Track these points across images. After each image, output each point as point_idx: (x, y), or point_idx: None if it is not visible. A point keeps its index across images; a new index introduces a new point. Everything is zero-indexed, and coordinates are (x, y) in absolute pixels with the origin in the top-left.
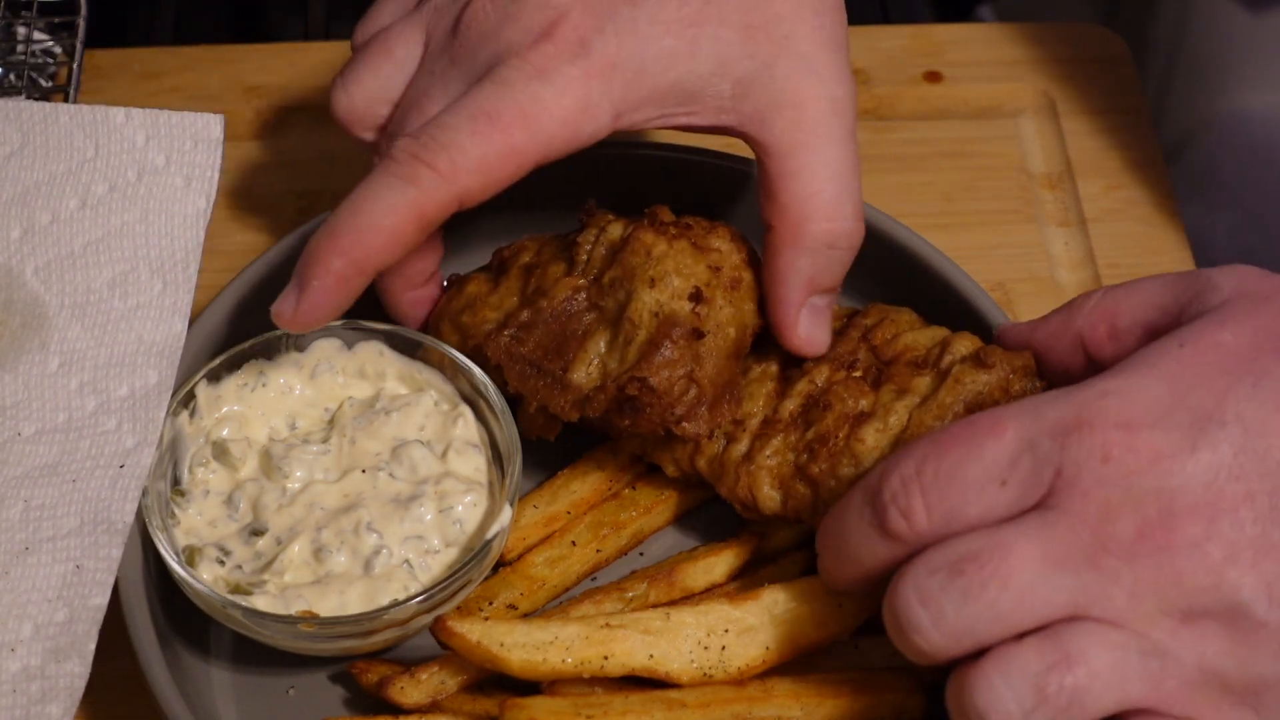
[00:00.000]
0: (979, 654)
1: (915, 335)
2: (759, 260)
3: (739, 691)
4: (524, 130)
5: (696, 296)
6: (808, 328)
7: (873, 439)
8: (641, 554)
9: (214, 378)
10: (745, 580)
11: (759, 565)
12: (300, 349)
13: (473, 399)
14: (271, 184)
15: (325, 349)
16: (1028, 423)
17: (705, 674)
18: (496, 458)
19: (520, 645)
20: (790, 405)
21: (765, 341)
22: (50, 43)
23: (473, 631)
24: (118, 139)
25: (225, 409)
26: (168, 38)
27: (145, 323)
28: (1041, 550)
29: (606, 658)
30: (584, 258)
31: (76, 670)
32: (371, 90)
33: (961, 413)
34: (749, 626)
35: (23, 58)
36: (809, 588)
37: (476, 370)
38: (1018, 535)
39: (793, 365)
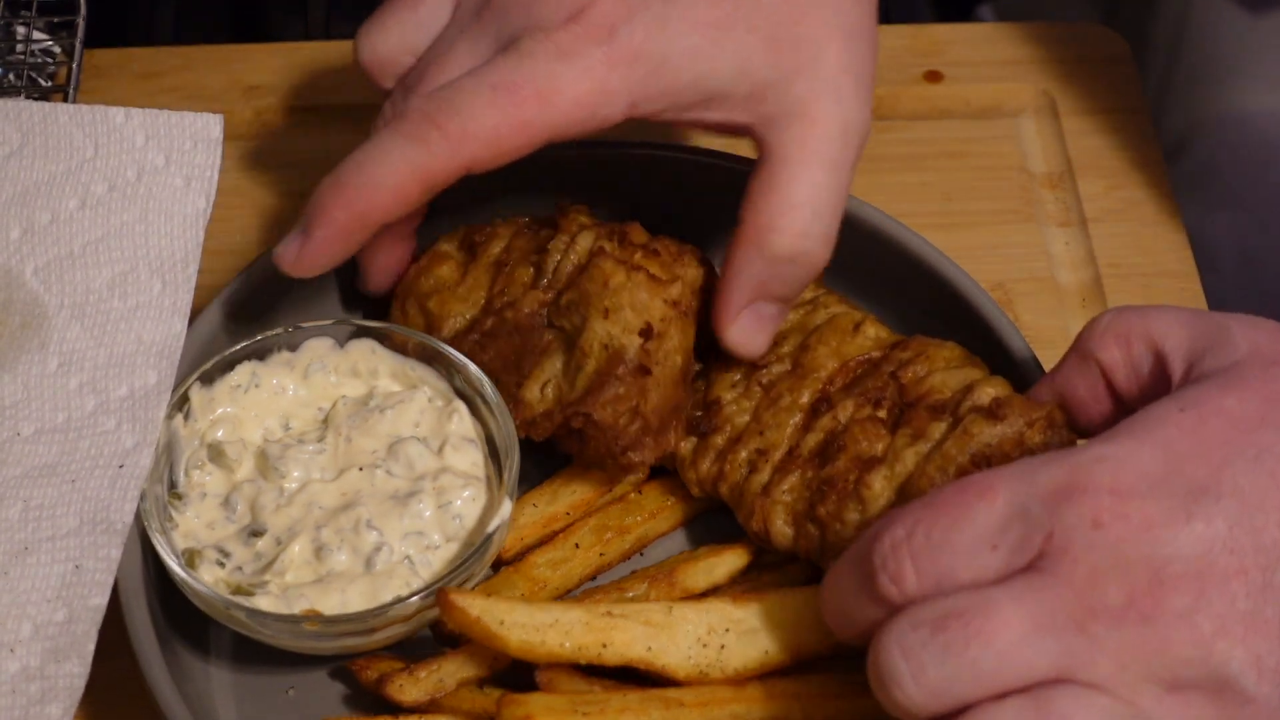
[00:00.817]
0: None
1: (945, 376)
2: (713, 285)
3: (738, 692)
4: (539, 106)
5: (647, 333)
6: (745, 329)
7: (879, 485)
8: (642, 554)
9: (207, 380)
10: (749, 583)
11: (761, 569)
12: (292, 349)
13: (467, 394)
14: (271, 184)
15: (317, 348)
16: (1019, 487)
17: (702, 671)
18: (493, 452)
19: (520, 625)
20: (812, 440)
21: (801, 369)
22: (50, 42)
23: (473, 607)
24: (117, 139)
25: (219, 411)
26: (168, 38)
27: (145, 323)
28: (1028, 612)
29: (605, 645)
30: (551, 268)
31: (76, 670)
32: (397, 39)
33: (966, 465)
34: (750, 628)
35: (22, 57)
36: (814, 595)
37: (471, 366)
38: (1004, 596)
39: (823, 398)
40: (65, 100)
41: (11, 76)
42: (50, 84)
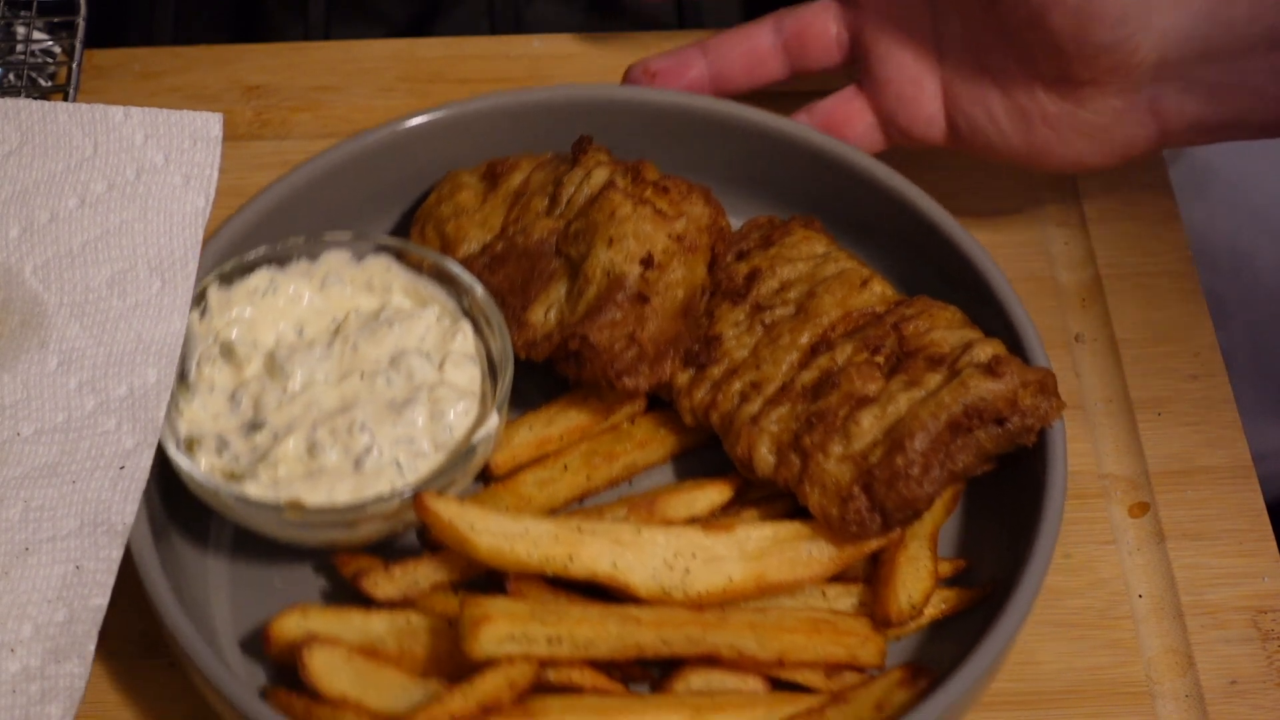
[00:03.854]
0: None
1: (945, 333)
2: (721, 224)
3: (696, 616)
4: None
5: (648, 261)
6: None
7: (868, 423)
8: (630, 484)
9: (226, 280)
10: (724, 514)
11: (741, 506)
12: (311, 258)
13: (474, 315)
14: None
15: (335, 260)
16: None
17: (665, 591)
18: (493, 372)
19: (490, 532)
20: (807, 376)
21: (805, 313)
22: (50, 42)
23: (446, 510)
24: (116, 137)
25: (235, 311)
26: (168, 38)
27: (144, 321)
28: None
29: (571, 558)
30: (565, 199)
31: (76, 670)
32: None
33: (958, 415)
34: (716, 555)
35: (22, 57)
36: (782, 531)
37: (479, 288)
38: None
39: (822, 341)
40: (65, 100)
41: (11, 76)
42: (50, 84)
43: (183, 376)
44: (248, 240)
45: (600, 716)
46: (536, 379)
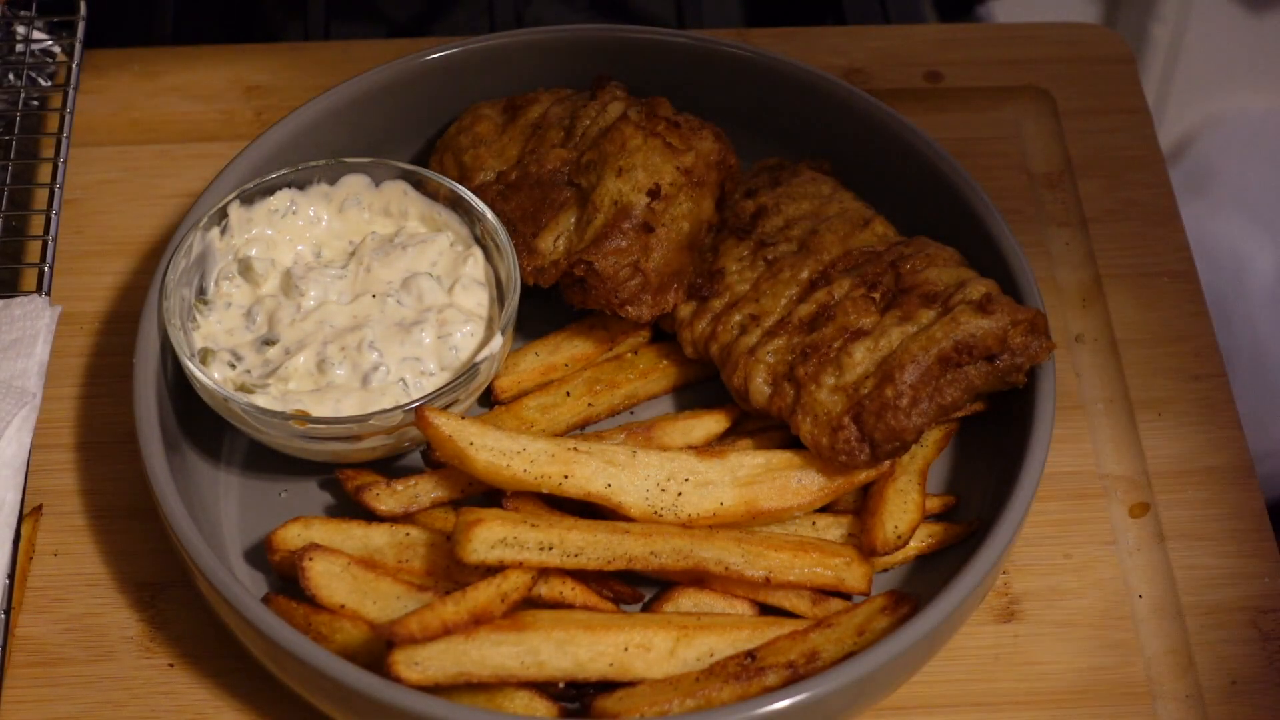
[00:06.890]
0: None
1: (941, 271)
2: (730, 161)
3: (684, 530)
4: None
5: (655, 193)
6: None
7: (860, 355)
8: (632, 413)
9: (246, 200)
10: (719, 444)
11: (737, 437)
12: (331, 182)
13: (485, 242)
14: None
15: (354, 185)
16: None
17: (656, 512)
18: (501, 298)
19: (488, 448)
20: (804, 310)
21: (807, 250)
22: (50, 42)
23: (447, 425)
24: None
25: (255, 230)
26: (167, 37)
27: None
28: None
29: (566, 477)
30: (580, 131)
31: None
32: None
33: (948, 350)
34: (708, 480)
35: (22, 57)
36: (774, 460)
37: (491, 215)
38: None
39: (821, 276)
40: (65, 99)
41: (11, 76)
42: (50, 83)
43: (201, 292)
44: (271, 162)
45: (589, 631)
46: (546, 310)
